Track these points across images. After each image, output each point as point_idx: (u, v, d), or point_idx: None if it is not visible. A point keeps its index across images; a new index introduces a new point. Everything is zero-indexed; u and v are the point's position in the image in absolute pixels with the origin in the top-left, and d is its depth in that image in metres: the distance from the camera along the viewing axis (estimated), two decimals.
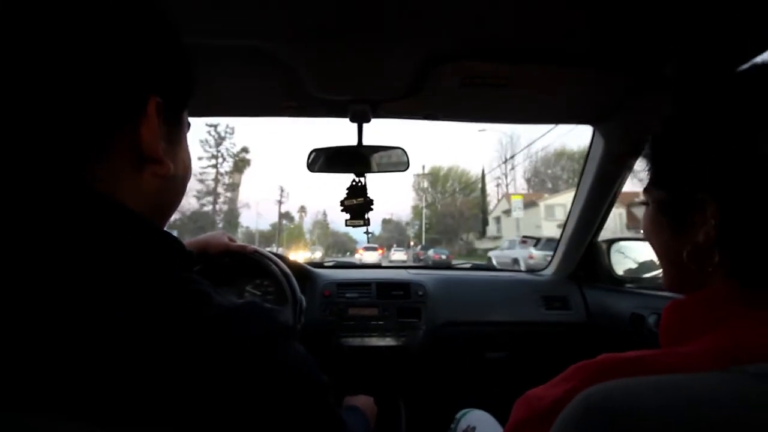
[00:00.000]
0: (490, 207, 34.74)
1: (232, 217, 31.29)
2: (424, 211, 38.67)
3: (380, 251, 25.87)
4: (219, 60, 0.83)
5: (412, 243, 38.01)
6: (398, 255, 26.51)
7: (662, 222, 0.44)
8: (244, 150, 32.88)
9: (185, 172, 0.43)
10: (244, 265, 1.05)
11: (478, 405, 0.97)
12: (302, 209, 54.19)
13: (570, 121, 1.18)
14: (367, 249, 20.98)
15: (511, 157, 38.86)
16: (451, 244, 34.15)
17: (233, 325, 0.33)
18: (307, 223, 54.38)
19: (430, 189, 43.53)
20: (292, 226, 53.10)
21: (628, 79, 0.85)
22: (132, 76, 0.34)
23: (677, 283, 0.45)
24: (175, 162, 0.39)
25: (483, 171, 37.29)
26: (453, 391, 1.43)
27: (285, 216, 52.37)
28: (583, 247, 1.44)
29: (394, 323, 1.35)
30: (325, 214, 54.71)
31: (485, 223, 34.01)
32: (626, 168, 1.16)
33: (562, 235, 1.50)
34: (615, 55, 0.77)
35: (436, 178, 43.26)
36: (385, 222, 55.09)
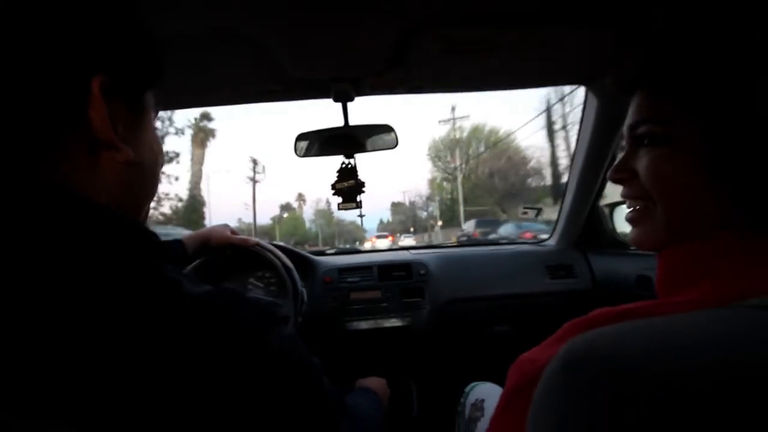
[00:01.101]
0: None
1: (194, 205, 22.56)
2: (459, 176, 26.49)
3: (390, 238, 25.60)
4: (192, 47, 0.81)
5: (439, 223, 29.88)
6: (407, 242, 25.34)
7: (700, 175, 0.37)
8: (206, 117, 23.71)
9: (154, 159, 0.41)
10: (246, 257, 1.05)
11: (487, 378, 0.96)
12: (300, 197, 50.32)
13: (561, 83, 1.14)
14: (378, 237, 21.16)
15: (571, 91, 23.16)
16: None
17: (207, 312, 0.31)
18: (309, 213, 50.91)
19: (449, 157, 32.05)
20: (286, 215, 48.54)
21: (615, 32, 0.80)
22: (68, 53, 0.31)
23: (673, 238, 0.40)
24: (138, 147, 0.37)
25: (549, 104, 19.57)
26: (462, 367, 1.43)
27: (285, 207, 50.90)
28: (585, 212, 1.41)
29: (397, 304, 1.34)
30: (328, 203, 50.81)
31: (556, 182, 20.90)
32: (623, 126, 1.12)
33: (562, 202, 1.48)
34: (598, 8, 0.73)
35: (454, 143, 31.45)
36: (395, 205, 51.26)
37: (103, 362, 0.27)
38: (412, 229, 39.60)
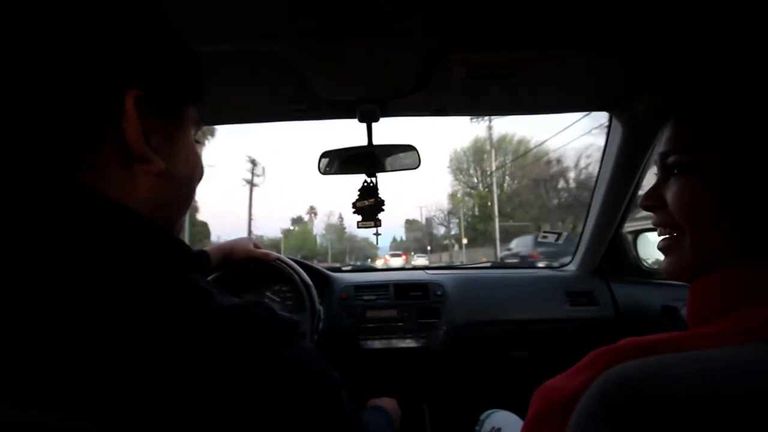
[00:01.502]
0: None
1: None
2: (494, 183, 22.23)
3: (404, 257, 25.49)
4: (226, 67, 0.84)
5: (464, 241, 26.89)
6: (420, 261, 24.75)
7: (725, 206, 0.38)
8: None
9: (190, 172, 0.42)
10: (266, 271, 1.07)
11: (503, 405, 0.94)
12: (312, 209, 49.48)
13: (586, 109, 1.14)
14: (392, 255, 21.25)
15: None
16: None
17: (234, 323, 0.32)
18: (319, 227, 48.97)
19: (471, 170, 29.82)
20: (295, 229, 47.22)
21: (641, 58, 0.81)
22: (102, 68, 0.32)
23: (700, 269, 0.40)
24: (172, 160, 0.38)
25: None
26: (476, 392, 1.39)
27: (297, 221, 49.67)
28: (607, 239, 1.38)
29: (413, 324, 1.33)
30: (340, 217, 49.51)
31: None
32: (649, 154, 1.10)
33: (584, 227, 1.45)
34: (622, 35, 0.73)
35: (479, 155, 28.95)
36: (410, 222, 49.79)
37: (133, 367, 0.28)
38: (428, 248, 38.20)
